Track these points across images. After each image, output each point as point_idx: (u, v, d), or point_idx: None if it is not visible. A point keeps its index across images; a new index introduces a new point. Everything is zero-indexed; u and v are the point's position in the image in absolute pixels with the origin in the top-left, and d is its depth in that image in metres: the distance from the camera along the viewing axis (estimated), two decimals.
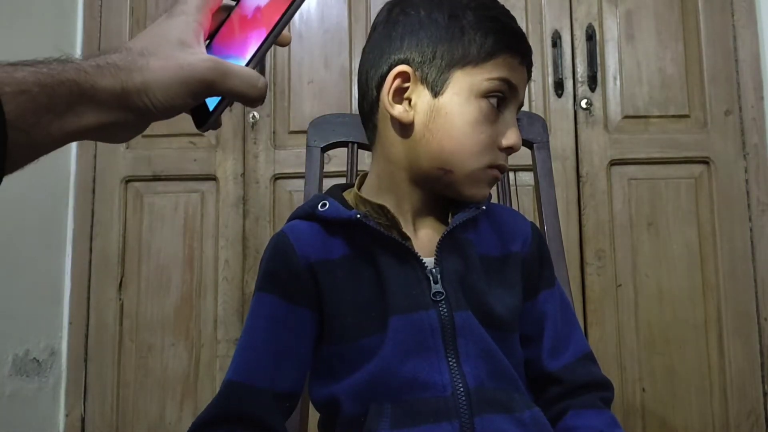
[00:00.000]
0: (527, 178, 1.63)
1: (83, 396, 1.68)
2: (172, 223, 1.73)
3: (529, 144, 1.01)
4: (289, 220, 0.73)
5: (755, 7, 1.70)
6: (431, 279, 0.67)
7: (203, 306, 1.69)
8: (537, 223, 0.83)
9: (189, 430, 0.63)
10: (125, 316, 1.70)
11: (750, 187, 1.64)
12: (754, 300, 1.61)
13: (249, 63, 0.49)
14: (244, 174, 1.72)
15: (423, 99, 0.68)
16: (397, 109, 0.69)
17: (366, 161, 0.88)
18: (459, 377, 0.64)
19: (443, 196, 0.72)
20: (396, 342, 0.64)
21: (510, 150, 0.69)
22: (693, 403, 1.59)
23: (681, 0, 1.71)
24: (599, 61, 1.69)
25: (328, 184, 0.82)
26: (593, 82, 1.69)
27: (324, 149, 0.99)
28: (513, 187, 1.44)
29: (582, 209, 1.66)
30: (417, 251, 0.67)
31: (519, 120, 0.72)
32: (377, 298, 0.66)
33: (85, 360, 1.69)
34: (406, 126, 0.69)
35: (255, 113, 1.74)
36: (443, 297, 0.66)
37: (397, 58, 0.69)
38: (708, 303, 1.61)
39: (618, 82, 1.70)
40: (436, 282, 0.67)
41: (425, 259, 0.68)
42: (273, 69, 1.75)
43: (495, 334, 0.67)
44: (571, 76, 1.70)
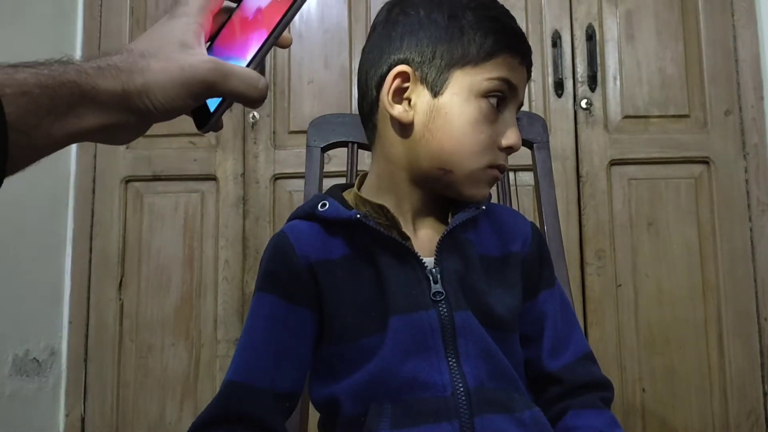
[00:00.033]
0: (527, 178, 1.62)
1: (83, 396, 1.68)
2: (172, 223, 1.73)
3: (529, 144, 1.01)
4: (289, 220, 0.73)
5: (755, 7, 1.70)
6: (431, 279, 0.67)
7: (203, 306, 1.69)
8: (537, 223, 0.83)
9: (189, 430, 0.63)
10: (125, 316, 1.70)
11: (750, 187, 1.64)
12: (754, 300, 1.61)
13: (250, 64, 0.49)
14: (244, 174, 1.72)
15: (423, 99, 0.68)
16: (397, 109, 0.69)
17: (366, 161, 0.88)
18: (459, 377, 0.64)
19: (443, 196, 0.72)
20: (396, 342, 0.64)
21: (510, 150, 0.69)
22: (693, 403, 1.59)
23: (681, 0, 1.71)
24: (599, 61, 1.69)
25: (328, 184, 0.82)
26: (593, 82, 1.69)
27: (324, 149, 0.99)
28: (513, 187, 1.44)
29: (582, 209, 1.66)
30: (417, 251, 0.67)
31: (519, 120, 0.72)
32: (377, 298, 0.66)
33: (85, 360, 1.69)
34: (405, 126, 0.69)
35: (255, 113, 1.74)
36: (443, 297, 0.66)
37: (397, 58, 0.69)
38: (708, 303, 1.61)
39: (618, 82, 1.70)
40: (435, 282, 0.67)
41: (425, 259, 0.68)
42: (273, 69, 1.75)
43: (495, 334, 0.67)
44: (571, 76, 1.70)
